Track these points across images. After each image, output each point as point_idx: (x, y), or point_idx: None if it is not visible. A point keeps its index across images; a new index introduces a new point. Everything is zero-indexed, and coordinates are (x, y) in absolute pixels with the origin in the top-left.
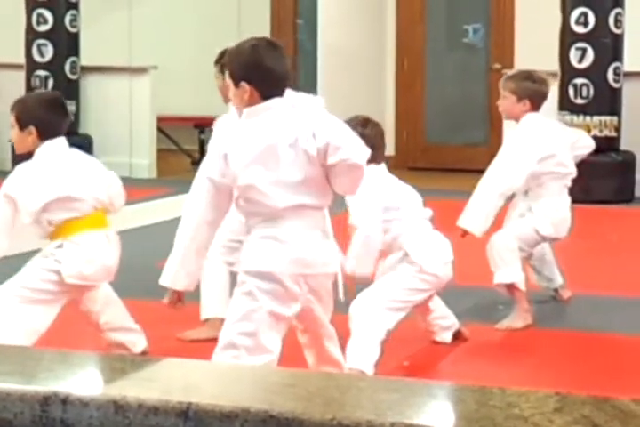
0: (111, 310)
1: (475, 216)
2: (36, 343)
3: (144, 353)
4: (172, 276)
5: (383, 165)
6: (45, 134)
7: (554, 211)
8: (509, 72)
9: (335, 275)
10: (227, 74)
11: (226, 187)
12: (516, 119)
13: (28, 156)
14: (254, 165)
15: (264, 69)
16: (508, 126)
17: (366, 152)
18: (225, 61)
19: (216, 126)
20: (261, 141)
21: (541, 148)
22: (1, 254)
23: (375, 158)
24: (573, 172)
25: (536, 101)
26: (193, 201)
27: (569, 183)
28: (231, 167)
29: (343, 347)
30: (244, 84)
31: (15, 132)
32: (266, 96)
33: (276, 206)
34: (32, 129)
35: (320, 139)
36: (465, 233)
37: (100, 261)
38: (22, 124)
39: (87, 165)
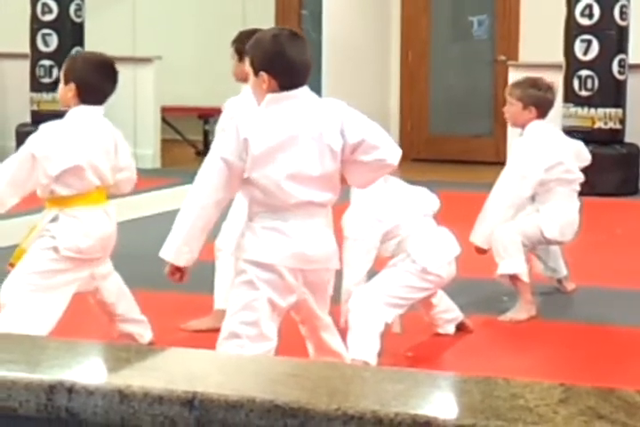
0: (124, 302)
1: (485, 231)
2: None
3: (150, 344)
4: (175, 251)
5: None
6: (84, 95)
7: (561, 215)
8: (515, 79)
9: (334, 270)
10: (246, 61)
11: (239, 169)
12: (522, 126)
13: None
14: (274, 154)
15: (284, 60)
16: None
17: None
18: (240, 44)
19: (226, 108)
20: (284, 131)
21: (549, 156)
22: (6, 208)
23: None
24: (581, 177)
25: (542, 109)
26: (203, 179)
27: (577, 188)
28: (250, 153)
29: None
30: (263, 73)
31: (60, 85)
32: (284, 87)
33: (288, 201)
34: (72, 86)
35: (352, 135)
36: (479, 248)
37: (97, 235)
38: (66, 79)
39: (111, 144)
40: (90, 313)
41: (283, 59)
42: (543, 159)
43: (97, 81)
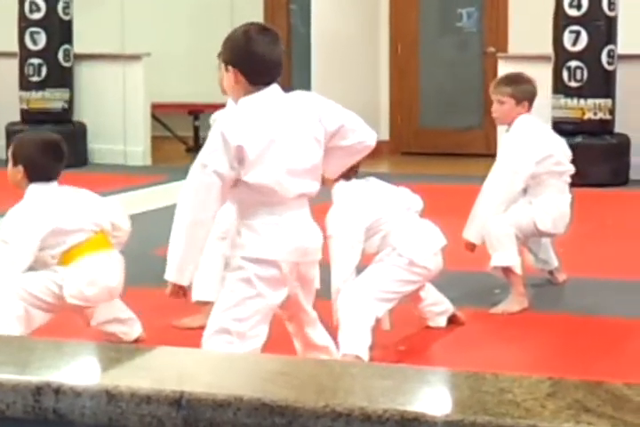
0: (105, 304)
1: (478, 227)
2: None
3: (138, 341)
4: (178, 271)
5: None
6: (34, 176)
7: (554, 207)
8: (497, 78)
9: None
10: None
11: (231, 178)
12: (510, 123)
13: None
14: (269, 154)
15: (252, 55)
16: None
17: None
18: None
19: (214, 122)
20: (272, 130)
21: (539, 149)
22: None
23: (354, 172)
24: (571, 169)
25: (531, 102)
26: (196, 194)
27: (569, 179)
28: (246, 159)
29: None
30: (232, 68)
31: (9, 166)
32: (253, 82)
33: (286, 196)
34: (20, 168)
35: (331, 123)
36: (471, 245)
37: (103, 282)
38: (14, 161)
39: (78, 198)
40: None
41: (250, 53)
42: (533, 153)
43: (44, 161)
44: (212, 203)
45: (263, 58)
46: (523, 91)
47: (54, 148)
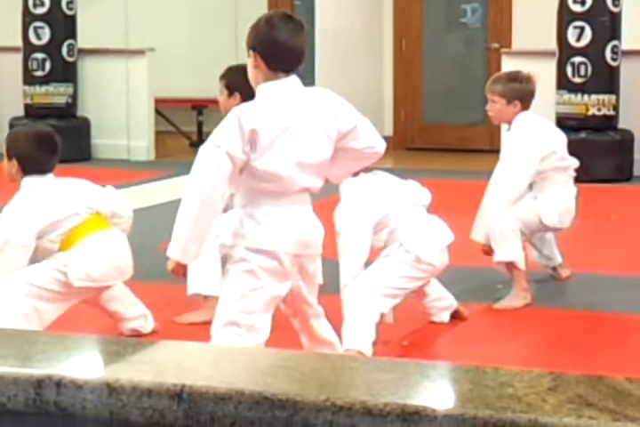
0: (119, 302)
1: (486, 228)
2: None
3: (154, 332)
4: (182, 250)
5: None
6: (28, 169)
7: (559, 202)
8: (493, 76)
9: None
10: (236, 96)
11: (242, 162)
12: (508, 122)
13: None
14: (281, 143)
15: (273, 40)
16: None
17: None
18: (229, 79)
19: None
20: (287, 119)
21: (542, 146)
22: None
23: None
24: (575, 163)
25: (526, 101)
26: (205, 174)
27: (573, 173)
28: (258, 144)
29: (336, 327)
30: (252, 52)
31: (5, 161)
32: (272, 68)
33: (292, 188)
34: (14, 162)
35: (345, 122)
36: (487, 247)
37: (107, 261)
38: (8, 155)
39: (72, 186)
40: (78, 306)
41: (271, 40)
42: (537, 150)
43: (37, 154)
44: (221, 183)
45: (285, 45)
46: (512, 90)
47: (47, 140)
